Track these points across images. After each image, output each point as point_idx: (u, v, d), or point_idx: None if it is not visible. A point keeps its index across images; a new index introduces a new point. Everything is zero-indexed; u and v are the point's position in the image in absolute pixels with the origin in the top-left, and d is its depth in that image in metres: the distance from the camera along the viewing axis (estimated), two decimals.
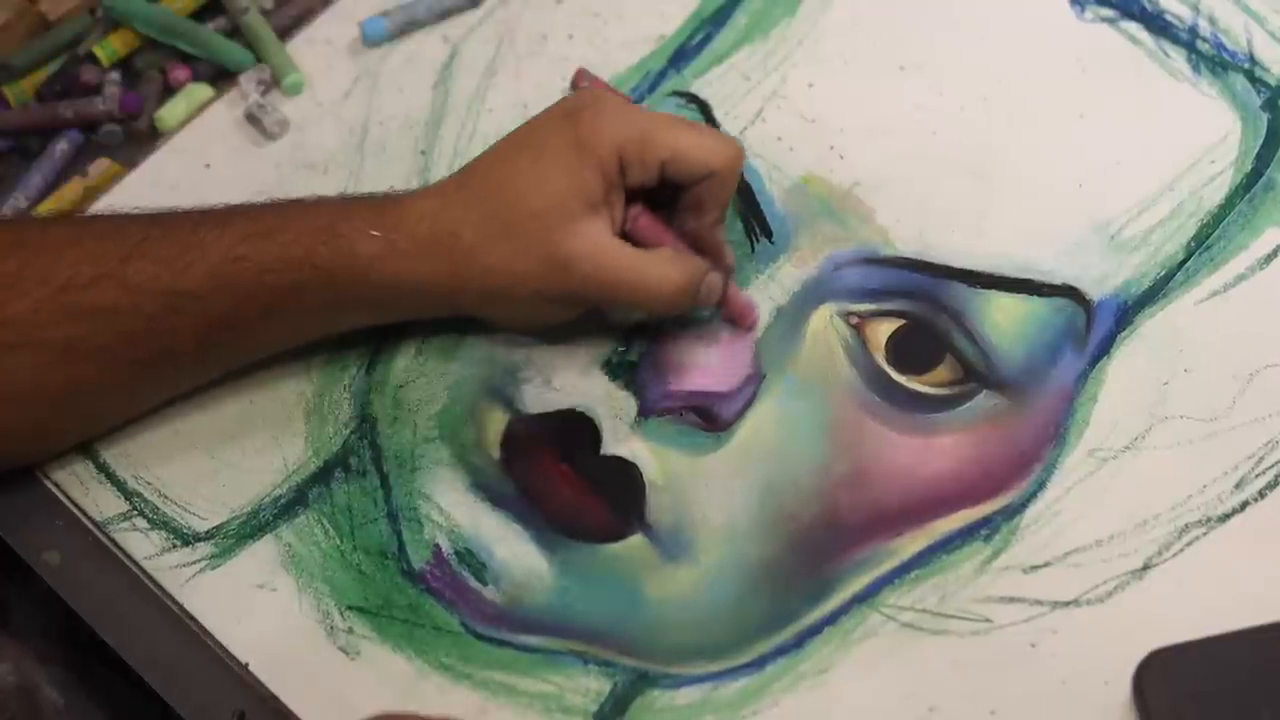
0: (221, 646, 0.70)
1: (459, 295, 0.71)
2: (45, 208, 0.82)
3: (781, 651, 0.68)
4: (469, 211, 0.69)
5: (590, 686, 0.68)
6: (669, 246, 0.72)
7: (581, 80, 0.82)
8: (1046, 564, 0.70)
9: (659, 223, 0.72)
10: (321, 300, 0.70)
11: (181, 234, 0.69)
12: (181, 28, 0.86)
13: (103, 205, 0.81)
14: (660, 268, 0.70)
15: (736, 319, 0.75)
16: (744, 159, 0.72)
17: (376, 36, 0.85)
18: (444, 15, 0.86)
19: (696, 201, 0.72)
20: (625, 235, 0.71)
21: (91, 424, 0.73)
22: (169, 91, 0.86)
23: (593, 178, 0.69)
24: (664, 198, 0.72)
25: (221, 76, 0.87)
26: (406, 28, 0.85)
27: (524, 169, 0.70)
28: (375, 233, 0.69)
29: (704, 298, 0.72)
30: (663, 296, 0.70)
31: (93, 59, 0.87)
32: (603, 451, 0.72)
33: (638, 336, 0.75)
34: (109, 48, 0.86)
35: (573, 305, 0.72)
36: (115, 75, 0.86)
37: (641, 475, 0.72)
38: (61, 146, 0.84)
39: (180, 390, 0.74)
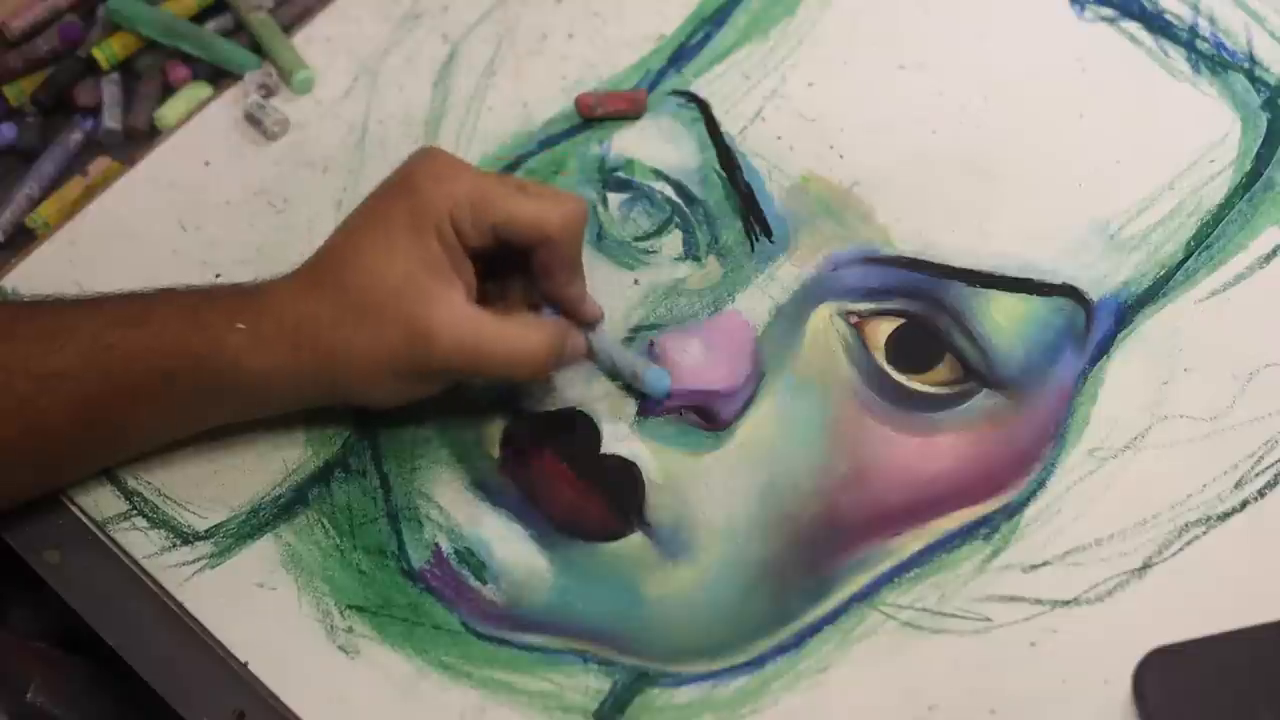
0: (221, 645, 0.70)
1: (326, 382, 0.69)
2: (46, 207, 0.82)
3: (781, 650, 0.69)
4: (325, 297, 0.68)
5: (590, 685, 0.68)
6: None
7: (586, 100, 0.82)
8: (1046, 563, 0.70)
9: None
10: (193, 389, 0.69)
11: (49, 319, 0.69)
12: (184, 30, 0.86)
13: (103, 203, 0.81)
14: (522, 332, 0.69)
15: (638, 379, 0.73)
16: (584, 220, 0.70)
17: None
18: None
19: (542, 265, 0.70)
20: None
21: None
22: (169, 91, 0.86)
23: (435, 247, 0.67)
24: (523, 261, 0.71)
25: (221, 75, 0.87)
26: None
27: (370, 247, 0.68)
28: (240, 325, 0.67)
29: (568, 359, 0.71)
30: (528, 363, 0.69)
31: (91, 65, 0.86)
32: (603, 451, 0.72)
33: (638, 337, 0.75)
34: (108, 50, 0.86)
35: (438, 380, 0.70)
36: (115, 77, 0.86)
37: (641, 474, 0.72)
38: (76, 136, 0.84)
39: (64, 479, 0.72)
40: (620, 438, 0.73)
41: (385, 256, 0.67)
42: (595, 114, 0.82)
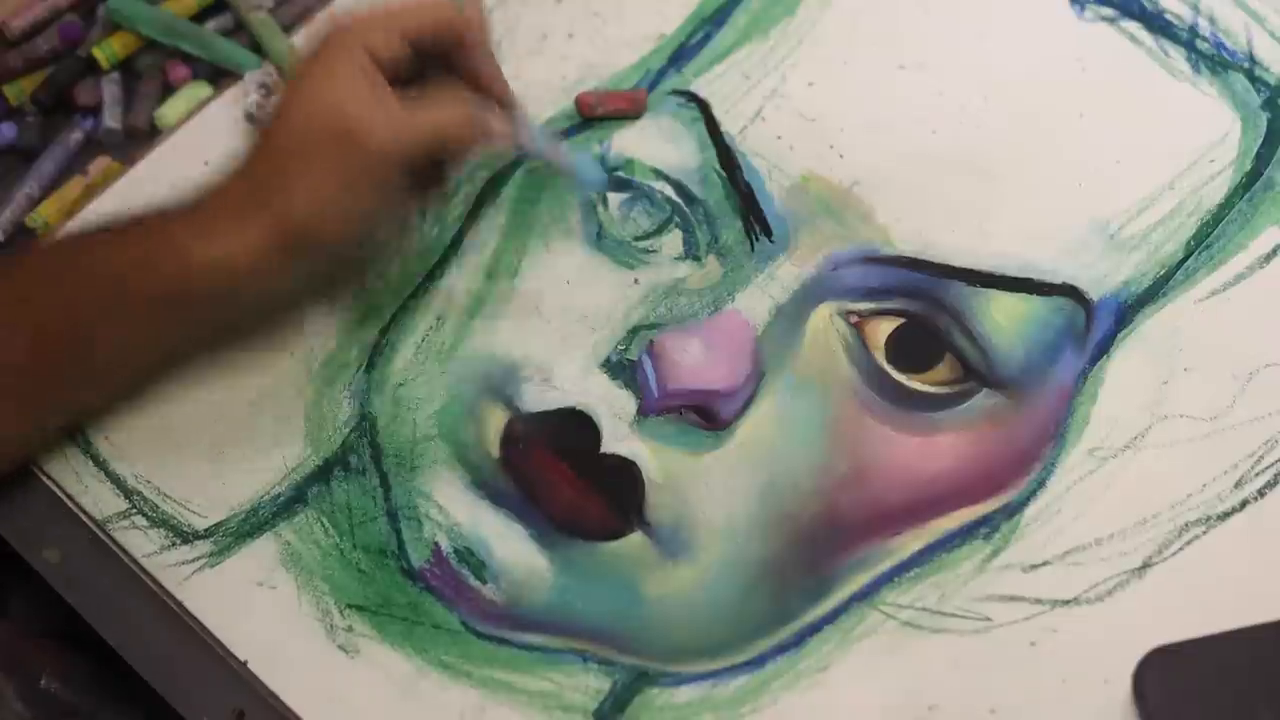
0: (221, 644, 0.70)
1: (282, 236, 0.68)
2: (46, 207, 0.83)
3: (781, 650, 0.69)
4: (263, 158, 0.69)
5: (590, 684, 0.68)
6: None
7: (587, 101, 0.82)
8: (1046, 563, 0.70)
9: None
10: (148, 297, 0.69)
11: (29, 255, 0.71)
12: (184, 29, 0.86)
13: (103, 203, 0.81)
14: (443, 103, 0.70)
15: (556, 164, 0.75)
16: (481, 13, 0.73)
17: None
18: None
19: (462, 64, 0.72)
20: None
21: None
22: (169, 90, 0.87)
23: (350, 70, 0.68)
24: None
25: (221, 75, 0.87)
26: None
27: (297, 99, 0.69)
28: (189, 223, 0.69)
29: (496, 135, 0.72)
30: (456, 123, 0.70)
31: (91, 65, 0.86)
32: (602, 450, 0.72)
33: (638, 336, 0.75)
34: (108, 50, 0.86)
35: (390, 188, 0.69)
36: (116, 76, 0.87)
37: (641, 474, 0.72)
38: (76, 136, 0.84)
39: (35, 422, 0.72)
40: (620, 437, 0.73)
41: (308, 96, 0.69)
42: (595, 114, 0.82)
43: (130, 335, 0.71)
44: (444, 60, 0.72)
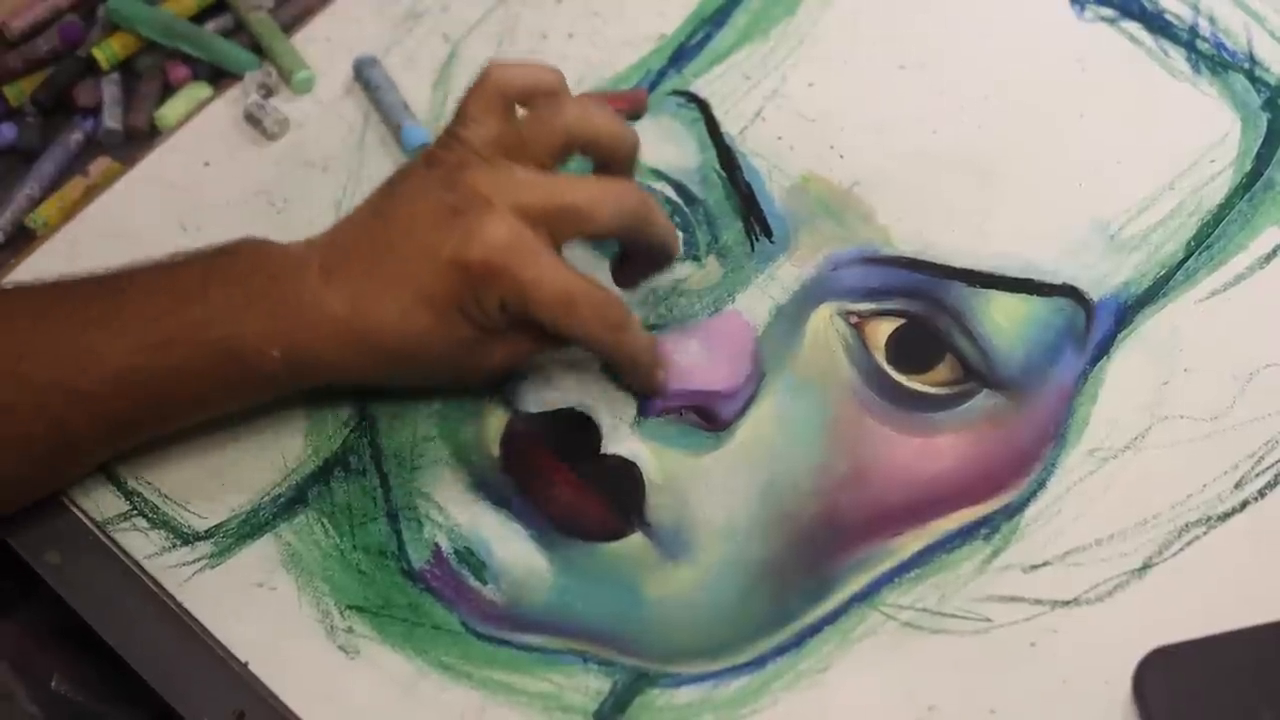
0: (221, 645, 0.70)
1: (370, 374, 0.70)
2: (48, 207, 0.82)
3: (781, 650, 0.68)
4: (366, 350, 0.68)
5: (590, 685, 0.68)
6: None
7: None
8: (1046, 563, 0.70)
9: None
10: (229, 399, 0.70)
11: (71, 335, 0.67)
12: (184, 30, 0.86)
13: (103, 203, 0.81)
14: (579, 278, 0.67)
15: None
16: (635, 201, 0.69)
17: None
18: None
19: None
20: None
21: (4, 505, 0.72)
22: (169, 90, 0.87)
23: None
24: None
25: (221, 75, 0.87)
26: None
27: (393, 213, 0.68)
28: (276, 353, 0.67)
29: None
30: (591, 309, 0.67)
31: (91, 65, 0.86)
32: (602, 451, 0.72)
33: None
34: (109, 50, 0.86)
35: (487, 329, 0.68)
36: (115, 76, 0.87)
37: (641, 474, 0.72)
38: (76, 136, 0.84)
39: (96, 465, 0.73)
40: (620, 438, 0.73)
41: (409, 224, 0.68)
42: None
43: (200, 421, 0.72)
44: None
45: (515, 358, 0.71)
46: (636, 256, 0.73)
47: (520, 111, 0.70)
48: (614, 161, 0.71)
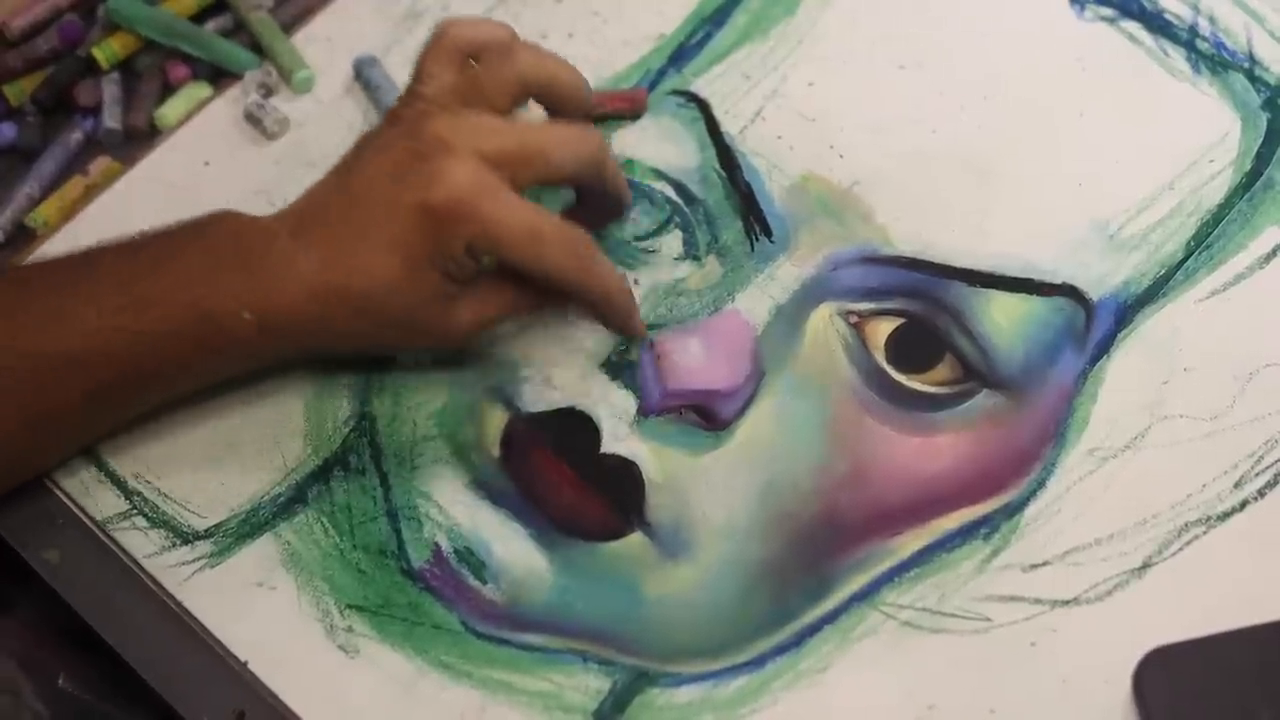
0: (221, 645, 0.70)
1: (342, 331, 0.69)
2: (48, 207, 0.82)
3: (781, 650, 0.68)
4: (333, 295, 0.68)
5: (590, 685, 0.68)
6: None
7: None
8: (1046, 563, 0.70)
9: None
10: (201, 368, 0.70)
11: (49, 301, 0.68)
12: (184, 30, 0.86)
13: (103, 203, 0.81)
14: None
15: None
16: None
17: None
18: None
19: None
20: None
21: None
22: (169, 90, 0.86)
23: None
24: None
25: (221, 75, 0.87)
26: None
27: (358, 171, 0.69)
28: (247, 315, 0.67)
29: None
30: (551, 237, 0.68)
31: (91, 65, 0.86)
32: (602, 450, 0.72)
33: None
34: (108, 50, 0.86)
35: (456, 279, 0.68)
36: (115, 76, 0.87)
37: (641, 474, 0.72)
38: (76, 136, 0.84)
39: (81, 443, 0.73)
40: (620, 437, 0.73)
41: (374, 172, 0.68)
42: (595, 113, 0.81)
43: (182, 390, 0.72)
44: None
45: (483, 318, 0.71)
46: (591, 206, 0.74)
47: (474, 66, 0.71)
48: (568, 106, 0.72)
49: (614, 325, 0.73)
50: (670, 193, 0.79)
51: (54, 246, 0.80)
